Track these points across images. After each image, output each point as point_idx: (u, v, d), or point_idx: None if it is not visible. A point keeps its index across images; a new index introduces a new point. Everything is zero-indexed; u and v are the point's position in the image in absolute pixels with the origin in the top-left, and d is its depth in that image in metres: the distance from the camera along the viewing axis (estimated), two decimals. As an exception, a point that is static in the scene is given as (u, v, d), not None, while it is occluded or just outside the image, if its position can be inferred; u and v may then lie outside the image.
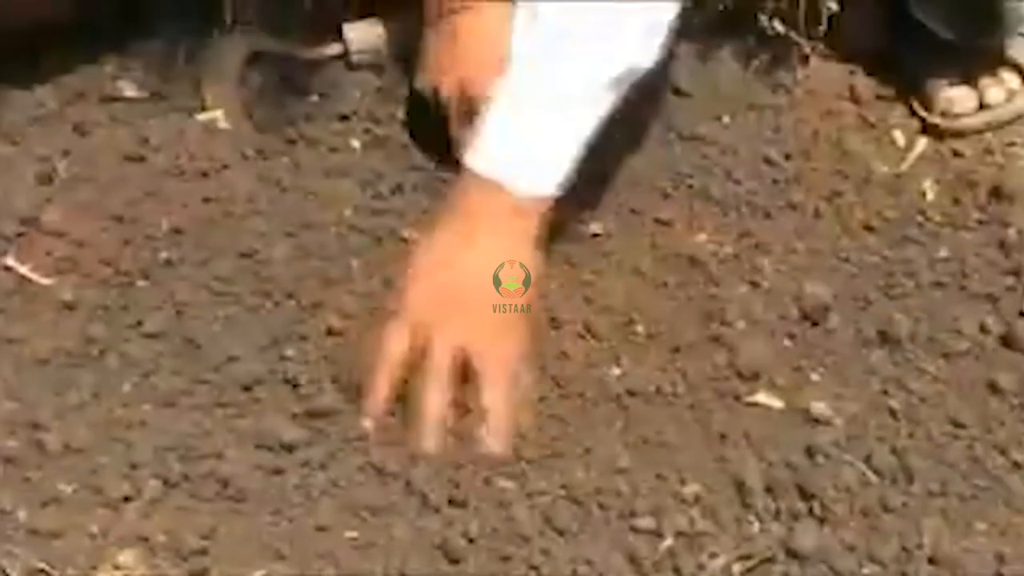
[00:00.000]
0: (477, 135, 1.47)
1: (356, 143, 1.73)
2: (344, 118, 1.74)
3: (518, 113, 1.46)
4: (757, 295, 1.60)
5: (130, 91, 1.76)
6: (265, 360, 1.53)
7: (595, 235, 1.65)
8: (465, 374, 1.44)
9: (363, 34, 1.78)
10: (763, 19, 1.76)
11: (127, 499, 1.43)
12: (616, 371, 1.53)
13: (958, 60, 1.75)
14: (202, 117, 1.74)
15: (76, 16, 1.72)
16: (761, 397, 1.52)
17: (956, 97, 1.75)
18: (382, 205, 1.66)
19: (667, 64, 1.75)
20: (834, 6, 1.70)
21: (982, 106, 1.75)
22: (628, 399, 1.51)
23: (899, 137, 1.74)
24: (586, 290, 1.60)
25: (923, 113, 1.75)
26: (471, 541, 1.41)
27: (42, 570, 1.38)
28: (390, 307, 1.48)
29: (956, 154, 1.73)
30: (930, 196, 1.69)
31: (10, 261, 1.61)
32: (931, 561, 1.40)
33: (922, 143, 1.74)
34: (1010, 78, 1.76)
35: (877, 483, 1.45)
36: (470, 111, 1.55)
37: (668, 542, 1.42)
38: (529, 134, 1.46)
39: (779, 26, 1.77)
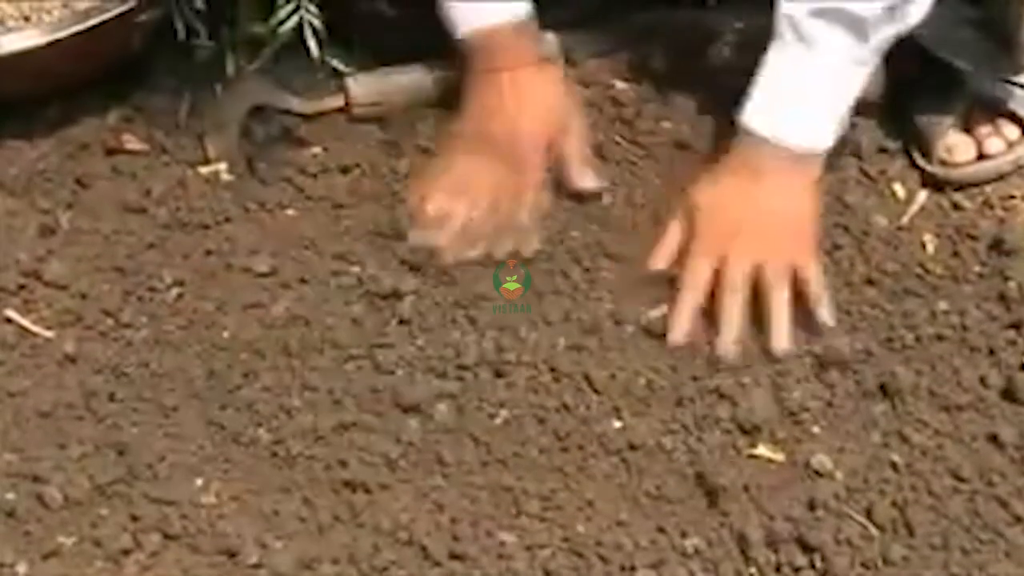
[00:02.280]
0: (751, 95, 1.56)
1: (359, 196, 1.73)
2: (346, 171, 1.74)
3: (791, 73, 1.55)
4: (758, 348, 1.59)
5: (132, 144, 1.76)
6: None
7: (596, 287, 1.65)
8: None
9: (365, 87, 1.78)
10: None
11: (127, 552, 1.43)
12: (617, 424, 1.53)
13: (958, 110, 1.76)
14: (204, 170, 1.75)
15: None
16: (762, 450, 1.52)
17: (955, 145, 1.75)
18: (386, 258, 1.66)
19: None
20: (834, 59, 1.71)
21: (981, 156, 1.76)
22: (629, 452, 1.51)
23: (899, 190, 1.75)
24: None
25: (922, 162, 1.76)
26: (472, 594, 1.41)
27: (42, 624, 1.39)
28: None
29: (956, 207, 1.73)
30: (930, 249, 1.69)
31: (12, 313, 1.61)
32: (933, 615, 1.41)
33: (922, 196, 1.74)
34: (1009, 130, 1.76)
35: (878, 536, 1.45)
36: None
37: (669, 596, 1.42)
38: (802, 93, 1.55)
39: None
